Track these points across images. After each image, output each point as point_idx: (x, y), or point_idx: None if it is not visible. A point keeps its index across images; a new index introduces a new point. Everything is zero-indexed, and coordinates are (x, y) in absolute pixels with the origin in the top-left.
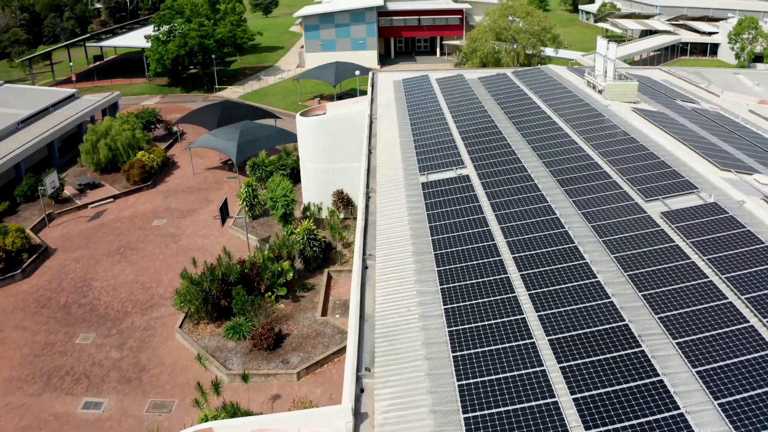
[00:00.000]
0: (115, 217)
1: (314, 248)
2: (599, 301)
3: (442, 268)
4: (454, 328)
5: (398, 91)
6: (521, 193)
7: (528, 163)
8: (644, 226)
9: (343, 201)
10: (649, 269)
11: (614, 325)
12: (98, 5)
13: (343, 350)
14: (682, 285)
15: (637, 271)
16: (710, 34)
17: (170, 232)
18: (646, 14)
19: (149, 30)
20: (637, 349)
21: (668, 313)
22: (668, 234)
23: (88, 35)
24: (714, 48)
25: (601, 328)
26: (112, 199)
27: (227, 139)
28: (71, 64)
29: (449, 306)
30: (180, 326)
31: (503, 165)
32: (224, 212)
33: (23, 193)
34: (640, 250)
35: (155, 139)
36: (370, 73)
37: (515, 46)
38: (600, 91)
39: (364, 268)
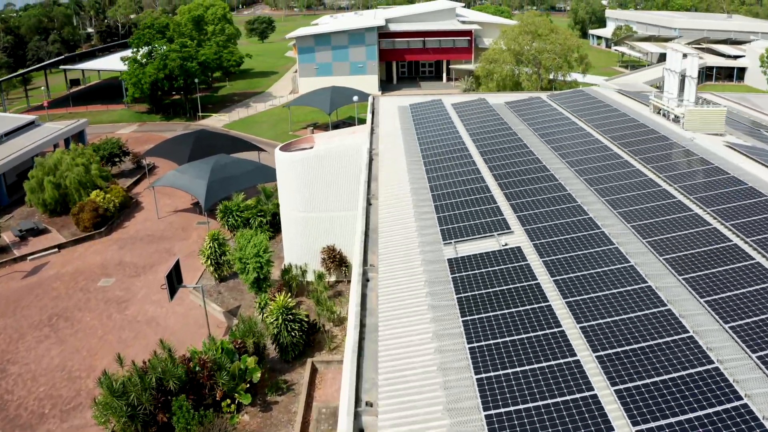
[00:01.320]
0: (56, 274)
1: (293, 332)
2: None
3: None
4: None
5: (405, 119)
6: (619, 284)
7: (610, 227)
8: None
9: (335, 260)
10: None
11: None
12: (90, 30)
13: None
14: None
15: None
16: (736, 57)
17: (117, 296)
18: (665, 37)
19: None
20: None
21: None
22: None
23: (62, 57)
24: (740, 72)
25: None
26: (56, 250)
27: (196, 176)
28: (43, 88)
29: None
30: None
31: (572, 230)
32: (173, 280)
33: None
34: None
35: (121, 175)
36: (370, 98)
37: (538, 69)
38: (675, 119)
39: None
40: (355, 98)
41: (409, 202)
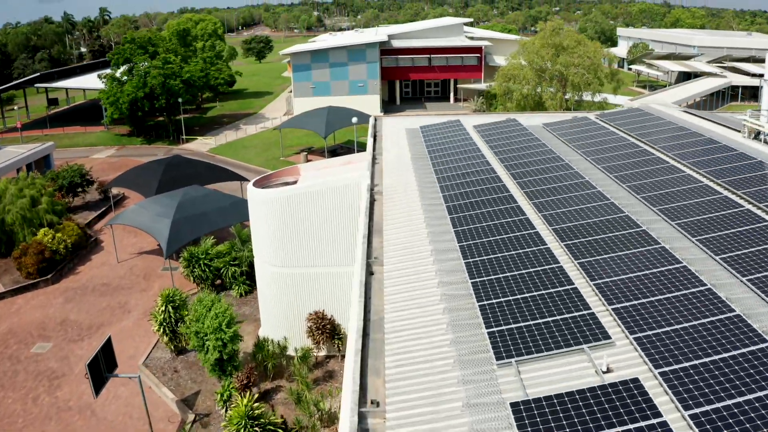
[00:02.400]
0: None
1: None
2: None
3: None
4: None
5: (415, 144)
6: None
7: None
8: None
9: (324, 330)
10: None
11: None
12: (83, 49)
13: None
14: None
15: None
16: (761, 76)
17: (51, 368)
18: (686, 55)
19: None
20: None
21: None
22: None
23: (38, 75)
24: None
25: None
26: None
27: (158, 214)
28: (17, 108)
29: None
30: None
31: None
32: (101, 368)
33: None
34: None
35: (85, 207)
36: (372, 119)
37: (563, 87)
38: None
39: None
40: (355, 120)
41: (428, 276)
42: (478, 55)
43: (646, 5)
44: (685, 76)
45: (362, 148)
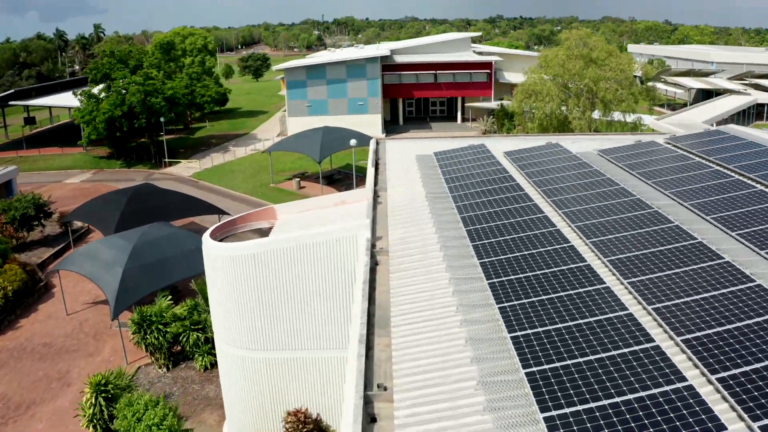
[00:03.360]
0: None
1: None
2: None
3: None
4: None
5: (430, 178)
6: None
7: None
8: None
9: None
10: None
11: None
12: (77, 66)
13: None
14: None
15: None
16: None
17: None
18: (706, 71)
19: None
20: None
21: None
22: None
23: (11, 91)
24: None
25: None
26: None
27: (110, 260)
28: None
29: None
30: None
31: None
32: None
33: None
34: None
35: (44, 242)
36: (373, 142)
37: (592, 104)
38: None
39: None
40: (353, 142)
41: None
42: (488, 71)
43: (653, 23)
44: (705, 94)
45: (361, 172)
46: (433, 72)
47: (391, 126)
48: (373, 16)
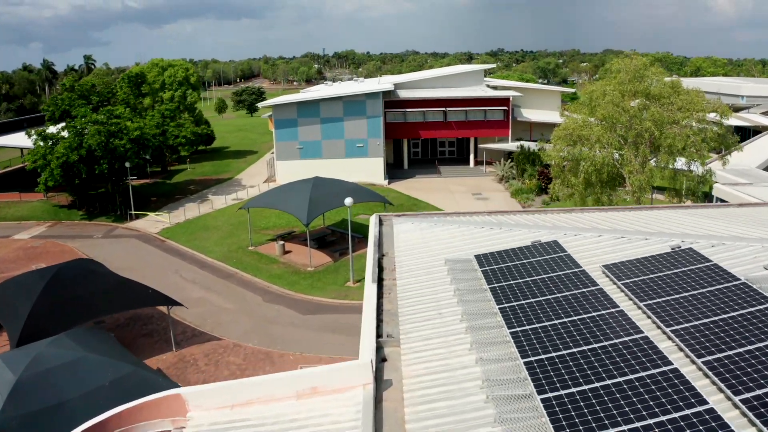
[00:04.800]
0: None
1: None
2: None
3: None
4: None
5: (475, 318)
6: None
7: None
8: None
9: None
10: None
11: None
12: None
13: None
14: None
15: None
16: None
17: None
18: (739, 106)
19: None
20: None
21: None
22: None
23: None
24: None
25: None
26: None
27: None
28: None
29: None
30: None
31: None
32: None
33: None
34: None
35: None
36: (374, 224)
37: (653, 153)
38: None
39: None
40: (348, 201)
41: None
42: (505, 108)
43: (662, 54)
44: (738, 130)
45: (361, 232)
46: (443, 109)
47: (394, 170)
48: (373, 50)
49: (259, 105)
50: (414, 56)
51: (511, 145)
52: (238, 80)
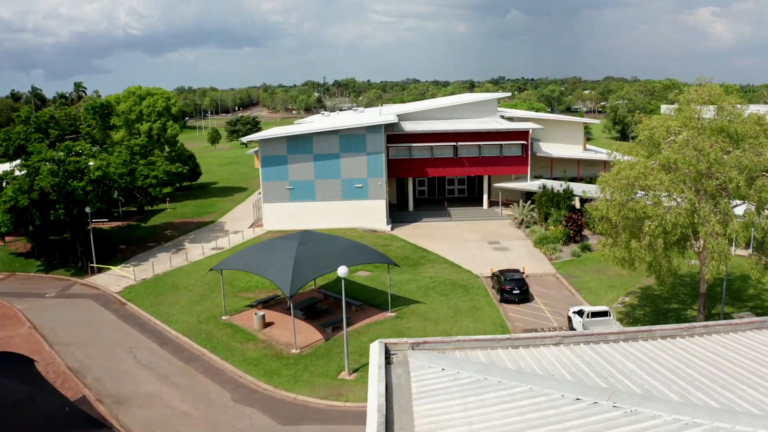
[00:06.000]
0: None
1: None
2: None
3: None
4: None
5: None
6: None
7: None
8: None
9: None
10: None
11: None
12: None
13: None
14: None
15: None
16: None
17: None
18: None
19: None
20: None
21: None
22: None
23: None
24: None
25: None
26: None
27: None
28: None
29: None
30: None
31: None
32: None
33: None
34: None
35: None
36: (375, 363)
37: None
38: None
39: None
40: (343, 271)
41: None
42: (524, 142)
43: (671, 81)
44: None
45: (359, 297)
46: (453, 144)
47: (398, 213)
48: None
49: (244, 140)
50: (415, 84)
51: (531, 184)
52: (236, 108)
